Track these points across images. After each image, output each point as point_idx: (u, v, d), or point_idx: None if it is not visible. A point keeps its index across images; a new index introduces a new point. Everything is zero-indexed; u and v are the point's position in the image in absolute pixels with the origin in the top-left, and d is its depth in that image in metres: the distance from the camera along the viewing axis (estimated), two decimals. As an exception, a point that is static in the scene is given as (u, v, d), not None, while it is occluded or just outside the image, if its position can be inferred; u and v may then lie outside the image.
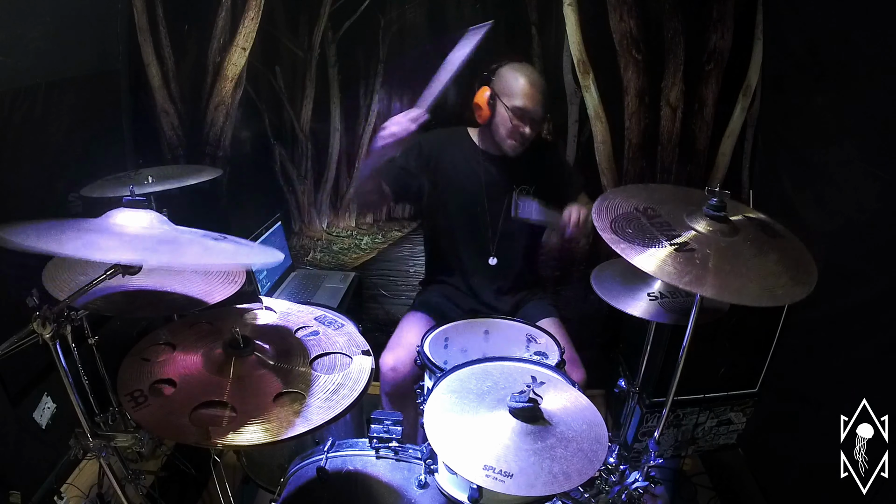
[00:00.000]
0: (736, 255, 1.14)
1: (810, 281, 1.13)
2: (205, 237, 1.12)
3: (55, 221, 1.00)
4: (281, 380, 1.07)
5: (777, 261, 1.15)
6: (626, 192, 1.32)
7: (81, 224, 1.06)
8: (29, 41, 1.77)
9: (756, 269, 1.12)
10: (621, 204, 1.25)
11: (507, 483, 0.97)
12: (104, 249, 0.98)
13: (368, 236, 2.55)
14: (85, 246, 0.97)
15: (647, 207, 1.23)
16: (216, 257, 1.13)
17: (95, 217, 1.10)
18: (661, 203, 1.26)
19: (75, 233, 1.01)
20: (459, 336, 1.71)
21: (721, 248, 1.14)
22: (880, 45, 1.53)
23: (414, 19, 2.22)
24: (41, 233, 0.95)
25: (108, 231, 1.04)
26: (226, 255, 1.13)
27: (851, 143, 1.67)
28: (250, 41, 2.28)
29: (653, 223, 1.18)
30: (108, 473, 1.17)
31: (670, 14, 2.14)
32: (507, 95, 1.71)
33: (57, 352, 1.01)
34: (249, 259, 1.24)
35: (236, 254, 1.15)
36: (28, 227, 0.93)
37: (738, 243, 1.16)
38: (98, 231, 1.04)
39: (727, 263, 1.10)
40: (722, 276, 1.08)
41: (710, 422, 2.10)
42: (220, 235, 1.14)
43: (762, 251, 1.16)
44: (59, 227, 1.00)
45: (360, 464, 1.28)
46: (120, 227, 1.06)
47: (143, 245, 1.02)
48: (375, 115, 2.35)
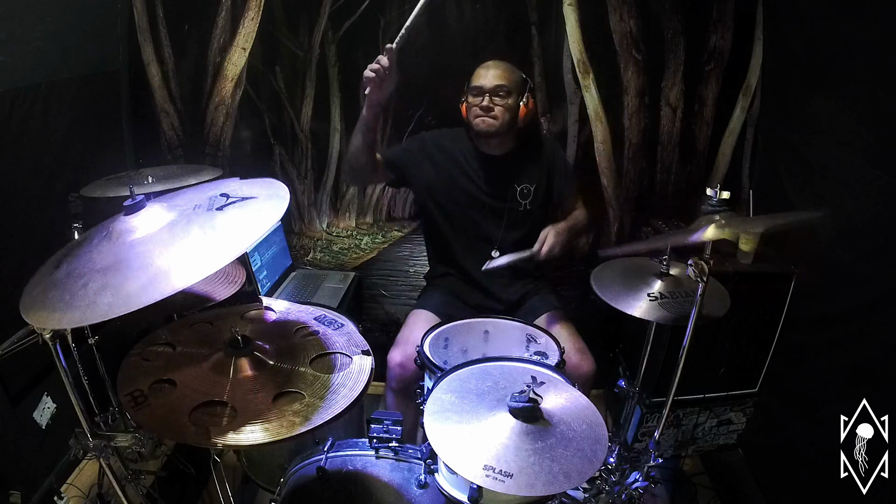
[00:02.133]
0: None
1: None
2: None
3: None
4: (281, 380, 1.07)
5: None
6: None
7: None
8: (29, 41, 1.77)
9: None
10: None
11: (507, 483, 0.97)
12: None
13: (368, 236, 2.55)
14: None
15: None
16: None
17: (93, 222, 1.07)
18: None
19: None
20: (459, 336, 1.71)
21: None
22: (880, 45, 1.53)
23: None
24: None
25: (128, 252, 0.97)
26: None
27: (851, 143, 1.67)
28: (250, 41, 2.28)
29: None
30: (108, 473, 1.17)
31: (670, 14, 2.14)
32: (469, 83, 1.84)
33: (57, 352, 1.02)
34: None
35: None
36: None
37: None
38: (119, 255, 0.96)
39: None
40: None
41: (710, 422, 2.10)
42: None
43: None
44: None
45: (360, 464, 1.28)
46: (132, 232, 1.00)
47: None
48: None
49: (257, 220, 0.99)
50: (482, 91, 1.79)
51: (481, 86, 1.79)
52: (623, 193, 2.38)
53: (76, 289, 0.89)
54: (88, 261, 0.95)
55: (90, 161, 2.08)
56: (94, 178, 1.84)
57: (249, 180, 1.17)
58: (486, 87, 1.79)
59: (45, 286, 0.94)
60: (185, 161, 2.44)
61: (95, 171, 1.92)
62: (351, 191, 2.48)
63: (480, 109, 1.80)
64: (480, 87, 1.80)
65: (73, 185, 1.90)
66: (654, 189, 2.38)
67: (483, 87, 1.79)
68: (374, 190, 2.48)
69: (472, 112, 1.82)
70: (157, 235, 0.98)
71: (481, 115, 1.80)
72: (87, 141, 2.09)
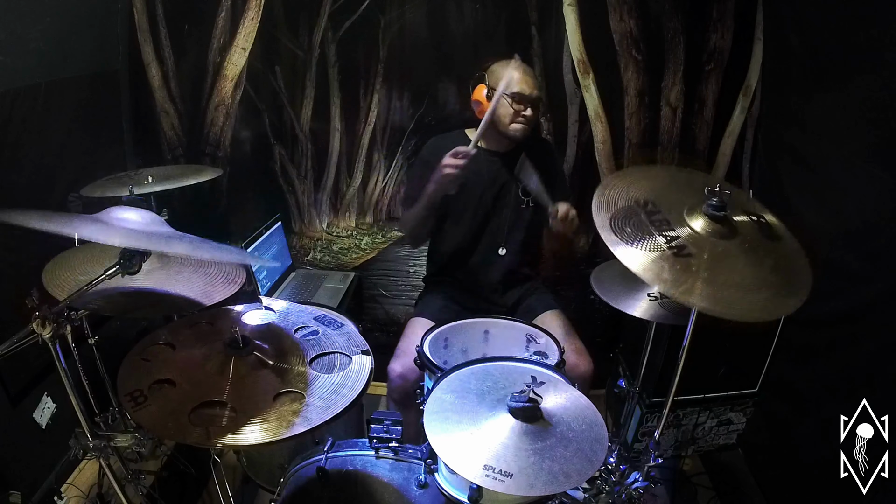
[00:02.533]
0: (731, 262, 1.11)
1: (803, 291, 1.10)
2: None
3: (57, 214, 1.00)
4: (281, 380, 1.07)
5: (772, 269, 1.12)
6: (628, 180, 1.28)
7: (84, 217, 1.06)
8: (29, 41, 1.77)
9: (750, 279, 1.09)
10: (621, 195, 1.22)
11: (507, 483, 0.97)
12: (110, 235, 0.99)
13: (368, 236, 2.55)
14: (93, 232, 0.97)
15: (647, 201, 1.21)
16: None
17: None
18: (662, 195, 1.22)
19: (81, 221, 1.02)
20: (459, 336, 1.71)
21: (717, 252, 1.11)
22: (880, 45, 1.53)
23: (414, 19, 2.22)
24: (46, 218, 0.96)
25: (113, 223, 1.05)
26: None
27: (851, 143, 1.67)
28: (250, 41, 2.28)
29: (652, 220, 1.17)
30: (108, 473, 1.17)
31: (670, 14, 2.14)
32: (505, 85, 1.77)
33: (57, 352, 1.02)
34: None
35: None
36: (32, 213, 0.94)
37: (734, 247, 1.13)
38: (103, 221, 1.05)
39: (721, 272, 1.08)
40: (715, 287, 1.05)
41: (710, 422, 2.10)
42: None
43: (759, 258, 1.13)
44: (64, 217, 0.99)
45: (360, 464, 1.28)
46: (122, 220, 1.07)
47: (146, 237, 1.02)
48: (375, 115, 2.35)
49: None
50: (525, 100, 1.78)
51: (522, 93, 1.77)
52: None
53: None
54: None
55: (90, 161, 2.08)
56: (94, 178, 1.84)
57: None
58: (528, 97, 1.78)
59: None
60: (185, 161, 2.45)
61: (95, 171, 1.92)
62: (351, 191, 2.48)
63: (523, 118, 1.80)
64: (524, 96, 1.78)
65: (73, 185, 1.91)
66: (654, 189, 2.38)
67: (525, 94, 1.78)
68: (374, 190, 2.48)
69: (513, 118, 1.80)
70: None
71: (522, 122, 1.80)
72: (87, 141, 2.09)
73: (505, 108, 1.79)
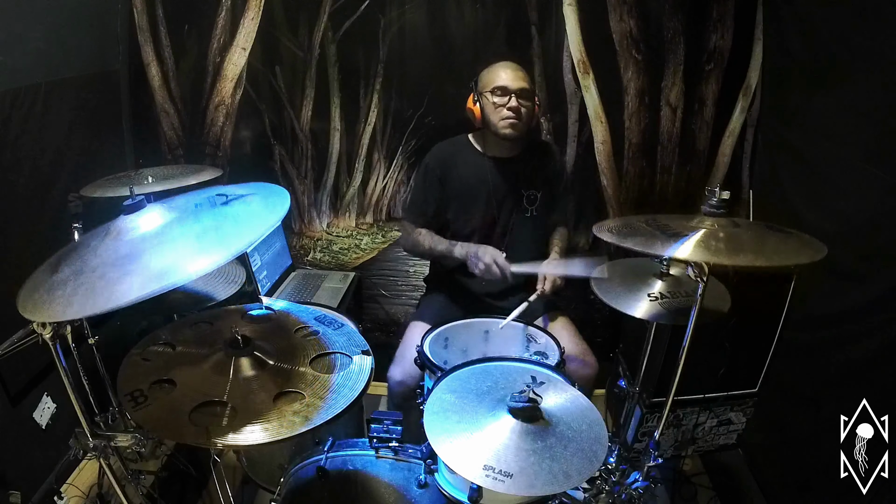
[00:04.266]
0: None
1: (819, 251, 1.23)
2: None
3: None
4: (281, 380, 1.07)
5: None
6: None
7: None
8: (29, 41, 1.77)
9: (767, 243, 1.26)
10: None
11: (507, 483, 0.97)
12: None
13: (368, 236, 2.55)
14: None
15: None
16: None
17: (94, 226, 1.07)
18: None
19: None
20: (459, 336, 1.71)
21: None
22: (880, 45, 1.53)
23: (414, 19, 2.22)
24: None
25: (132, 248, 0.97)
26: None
27: (851, 143, 1.67)
28: (250, 41, 2.29)
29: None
30: (108, 473, 1.17)
31: (670, 14, 2.14)
32: (487, 84, 1.78)
33: (57, 352, 1.01)
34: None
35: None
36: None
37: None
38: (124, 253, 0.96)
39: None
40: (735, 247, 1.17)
41: (710, 422, 2.10)
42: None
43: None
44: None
45: (360, 463, 1.28)
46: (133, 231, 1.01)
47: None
48: (375, 115, 2.35)
49: (260, 217, 0.99)
50: (507, 91, 1.73)
51: (506, 86, 1.73)
52: (623, 193, 2.39)
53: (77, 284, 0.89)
54: (91, 258, 0.95)
55: (90, 161, 2.08)
56: (94, 178, 1.84)
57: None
58: (511, 88, 1.73)
59: (49, 286, 0.94)
60: (185, 161, 2.45)
61: (95, 171, 1.92)
62: (351, 191, 2.48)
63: (509, 111, 1.73)
64: (505, 88, 1.73)
65: (73, 185, 1.90)
66: (654, 189, 2.38)
67: (508, 87, 1.73)
68: (374, 190, 2.48)
69: (498, 113, 1.75)
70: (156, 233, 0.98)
71: (510, 116, 1.74)
72: (87, 141, 2.09)
73: (489, 105, 1.77)
